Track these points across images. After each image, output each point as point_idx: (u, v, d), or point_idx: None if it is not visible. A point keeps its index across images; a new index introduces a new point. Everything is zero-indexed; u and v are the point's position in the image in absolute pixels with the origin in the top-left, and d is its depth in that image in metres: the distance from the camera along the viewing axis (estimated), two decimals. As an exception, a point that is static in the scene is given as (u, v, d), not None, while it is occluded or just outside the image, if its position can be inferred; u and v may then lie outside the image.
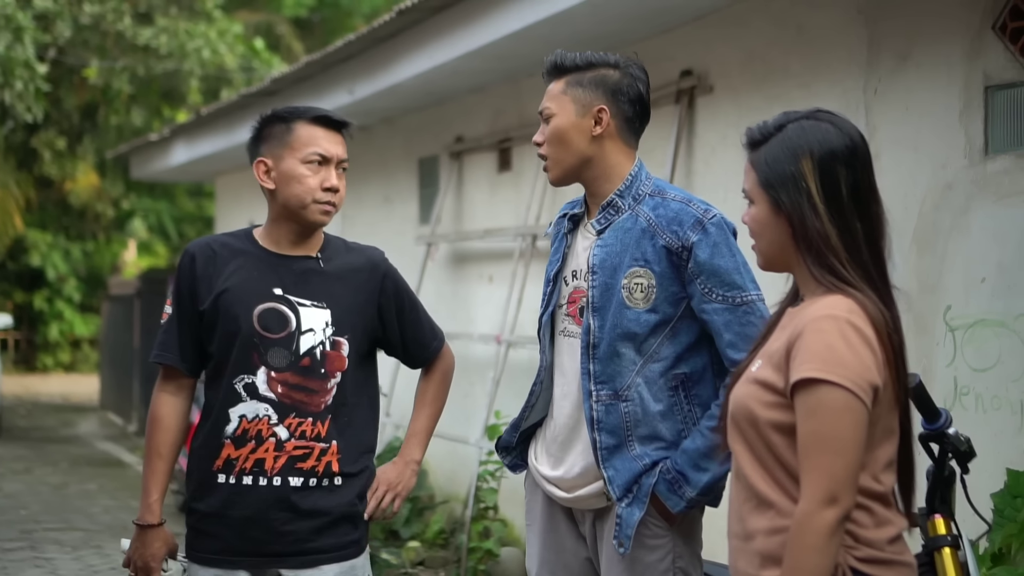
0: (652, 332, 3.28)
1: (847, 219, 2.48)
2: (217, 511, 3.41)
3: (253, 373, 3.39)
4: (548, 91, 3.42)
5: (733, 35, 6.39)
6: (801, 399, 2.40)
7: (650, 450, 3.29)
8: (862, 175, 2.52)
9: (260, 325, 3.40)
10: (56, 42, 17.79)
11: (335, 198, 3.46)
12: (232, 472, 3.39)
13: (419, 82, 8.56)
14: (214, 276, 3.45)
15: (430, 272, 9.43)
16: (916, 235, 5.18)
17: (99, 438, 15.89)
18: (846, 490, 2.36)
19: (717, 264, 3.24)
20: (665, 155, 6.62)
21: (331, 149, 3.46)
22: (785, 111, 2.64)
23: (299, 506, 3.38)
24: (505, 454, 3.62)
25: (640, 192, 3.36)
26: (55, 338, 26.75)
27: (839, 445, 2.36)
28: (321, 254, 3.52)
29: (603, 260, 3.32)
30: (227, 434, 3.39)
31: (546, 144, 3.40)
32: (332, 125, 3.49)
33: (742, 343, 3.19)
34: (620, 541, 3.28)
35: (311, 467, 3.39)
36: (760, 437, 2.50)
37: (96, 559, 8.38)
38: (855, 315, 2.43)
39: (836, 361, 2.38)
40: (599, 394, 3.31)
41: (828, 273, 2.49)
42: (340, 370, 3.45)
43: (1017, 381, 4.71)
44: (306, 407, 3.40)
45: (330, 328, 3.44)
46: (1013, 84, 4.85)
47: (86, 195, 23.21)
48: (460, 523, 8.11)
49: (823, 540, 2.35)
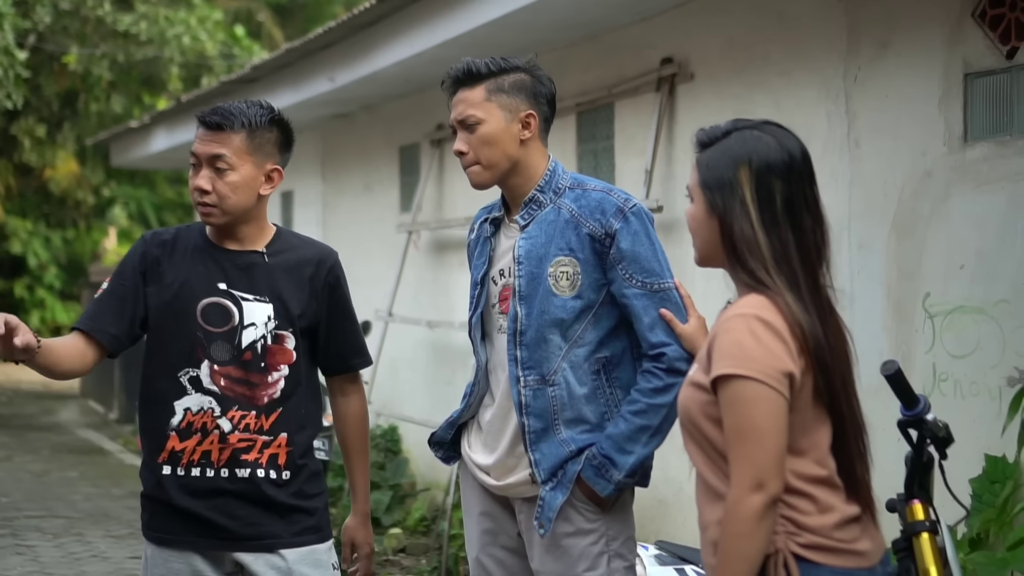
0: (577, 318, 3.38)
1: (779, 228, 2.56)
2: (165, 500, 3.42)
3: (197, 366, 3.41)
4: (464, 99, 3.44)
5: (714, 23, 6.39)
6: (720, 395, 2.50)
7: (576, 434, 3.39)
8: (797, 189, 2.59)
9: (203, 319, 3.42)
10: (36, 28, 17.71)
11: (207, 199, 3.40)
12: (179, 464, 3.41)
13: (400, 70, 8.55)
14: (164, 266, 3.47)
15: (411, 260, 9.42)
16: (895, 222, 5.20)
17: (80, 426, 15.85)
18: (771, 475, 2.44)
19: (638, 251, 3.36)
20: (646, 143, 6.63)
21: (199, 149, 3.42)
22: (737, 118, 2.72)
23: (247, 495, 3.41)
24: (438, 448, 3.69)
25: (560, 186, 3.47)
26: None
27: (757, 434, 2.45)
28: (267, 248, 3.51)
29: (529, 251, 3.42)
30: (172, 426, 3.41)
31: (474, 151, 3.45)
32: (204, 123, 3.44)
33: (659, 327, 3.34)
34: (541, 523, 3.37)
35: (255, 459, 3.41)
36: (703, 435, 2.58)
37: (78, 546, 8.37)
38: (764, 310, 2.51)
39: (744, 356, 2.47)
40: (527, 379, 3.40)
41: (749, 276, 2.58)
42: (286, 363, 3.47)
43: (995, 367, 4.74)
44: (249, 400, 3.42)
45: (272, 322, 3.46)
46: (992, 71, 4.86)
47: (66, 182, 23.11)
48: (441, 510, 8.12)
49: (751, 526, 2.43)
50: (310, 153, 11.76)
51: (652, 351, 3.34)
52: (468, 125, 3.43)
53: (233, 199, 3.41)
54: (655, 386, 3.32)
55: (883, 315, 5.22)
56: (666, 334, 3.34)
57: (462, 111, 3.43)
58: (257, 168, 3.45)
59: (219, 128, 3.41)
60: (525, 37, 7.18)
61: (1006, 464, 4.47)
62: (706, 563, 2.64)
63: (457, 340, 8.55)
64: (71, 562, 7.93)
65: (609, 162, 7.19)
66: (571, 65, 7.33)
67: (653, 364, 3.34)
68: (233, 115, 3.42)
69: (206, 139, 3.42)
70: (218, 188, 3.40)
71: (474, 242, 3.64)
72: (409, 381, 9.58)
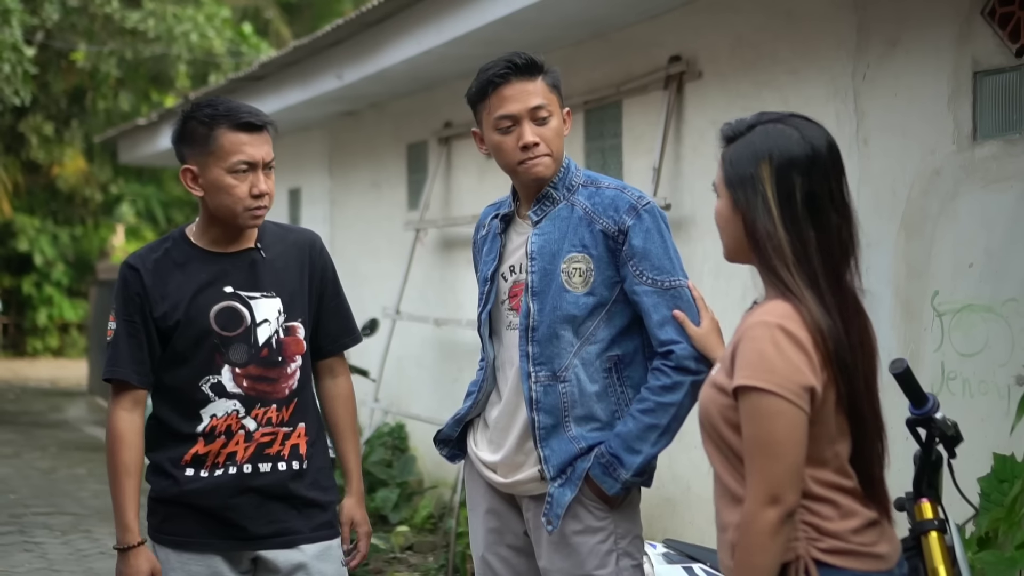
0: (590, 315, 3.39)
1: (799, 226, 2.54)
2: (184, 503, 3.41)
3: (218, 372, 3.42)
4: (531, 90, 3.42)
5: (722, 21, 6.38)
6: (741, 405, 2.49)
7: (585, 431, 3.39)
8: (820, 184, 2.56)
9: (218, 325, 3.43)
10: (44, 25, 17.70)
11: (265, 201, 3.42)
12: (203, 467, 3.41)
13: (408, 67, 8.54)
14: (163, 286, 3.43)
15: (418, 257, 9.42)
16: (904, 220, 5.19)
17: (88, 423, 15.86)
18: (787, 490, 2.43)
19: (649, 248, 3.36)
20: (654, 141, 6.62)
21: (255, 154, 3.38)
22: (762, 111, 2.70)
23: (268, 490, 3.42)
24: (443, 446, 3.69)
25: (573, 183, 3.48)
26: (43, 323, 26.68)
27: (775, 449, 2.43)
28: (260, 243, 3.52)
29: (542, 247, 3.42)
30: (198, 432, 3.41)
31: (547, 143, 3.43)
32: (254, 128, 3.40)
33: (669, 324, 3.33)
34: (549, 519, 3.37)
35: (276, 452, 3.44)
36: (721, 437, 2.57)
37: (85, 543, 8.38)
38: (788, 320, 2.49)
39: (766, 368, 2.45)
40: (538, 375, 3.40)
41: (771, 273, 2.56)
42: (299, 353, 3.51)
43: (1004, 366, 4.73)
44: (270, 396, 3.44)
45: (283, 315, 3.48)
46: (1002, 69, 4.85)
47: (74, 180, 23.15)
48: (448, 508, 8.12)
49: (766, 539, 2.43)
50: (317, 150, 11.76)
51: (662, 348, 3.35)
52: (540, 117, 3.41)
53: (273, 197, 3.48)
54: (663, 384, 3.32)
55: (891, 313, 5.21)
56: (676, 332, 3.33)
57: (536, 101, 3.41)
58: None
59: (262, 129, 3.40)
60: (533, 35, 7.18)
61: (1015, 463, 4.45)
62: (723, 564, 2.63)
63: (464, 338, 8.55)
64: (79, 559, 7.94)
65: (617, 160, 7.18)
66: (579, 63, 7.32)
67: (662, 362, 3.34)
68: (263, 116, 3.43)
69: (260, 142, 3.39)
70: (271, 190, 3.43)
71: (483, 239, 3.64)
72: (416, 379, 9.58)
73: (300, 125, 11.46)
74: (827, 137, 2.62)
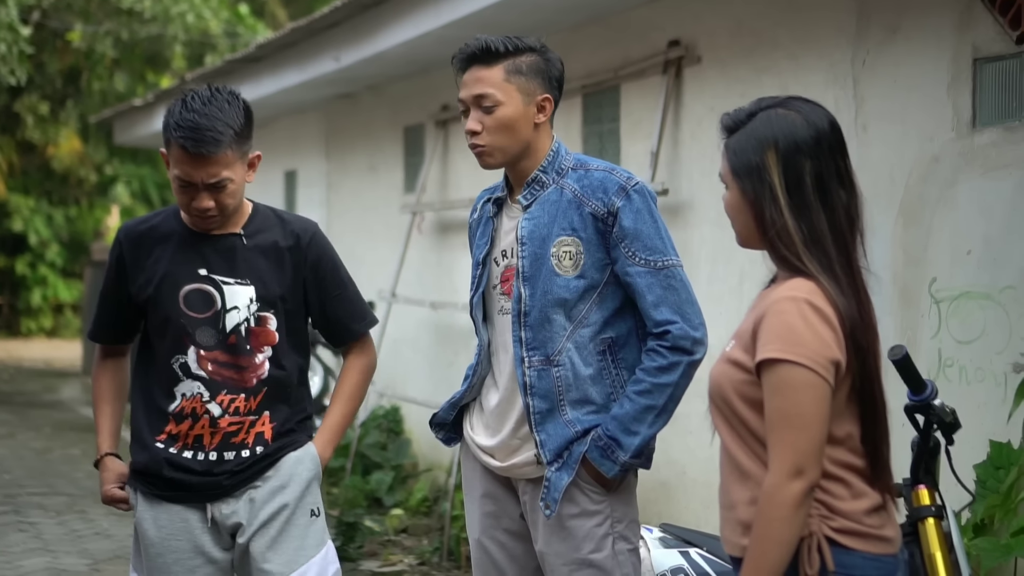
0: (581, 298, 3.38)
1: (809, 211, 2.56)
2: (157, 472, 3.50)
3: (184, 353, 3.47)
4: (481, 77, 3.39)
5: (722, 5, 6.37)
6: (766, 378, 2.49)
7: (581, 415, 3.39)
8: (828, 164, 2.59)
9: (186, 306, 3.46)
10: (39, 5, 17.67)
11: (211, 212, 3.41)
12: (174, 445, 3.49)
13: (405, 50, 8.52)
14: (141, 260, 3.51)
15: (415, 241, 9.41)
16: (903, 207, 5.19)
17: (82, 403, 15.84)
18: (811, 463, 2.45)
19: (640, 229, 3.34)
20: (652, 126, 6.61)
21: (194, 175, 3.35)
22: (760, 97, 2.70)
23: (236, 471, 3.49)
24: (439, 429, 3.69)
25: (562, 167, 3.46)
26: (37, 303, 26.64)
27: (802, 421, 2.45)
28: (244, 229, 3.52)
29: (532, 232, 3.41)
30: (170, 411, 3.48)
31: (487, 132, 3.40)
32: (191, 150, 3.31)
33: (664, 304, 3.32)
34: (547, 503, 3.37)
35: (242, 440, 3.48)
36: (735, 413, 2.58)
37: (80, 524, 8.38)
38: (815, 296, 2.51)
39: (796, 341, 2.46)
40: (531, 360, 3.39)
41: (782, 261, 2.58)
42: (270, 344, 3.51)
43: (1001, 353, 4.73)
44: (237, 384, 3.47)
45: (255, 304, 3.49)
46: (1002, 56, 4.85)
47: (69, 160, 23.09)
48: (443, 491, 8.13)
49: (789, 511, 2.44)
50: (314, 133, 11.74)
51: (657, 329, 3.33)
52: (485, 106, 3.38)
53: (232, 203, 3.44)
54: (659, 364, 3.31)
55: (889, 300, 5.21)
56: (671, 312, 3.32)
57: (480, 89, 3.38)
58: (244, 166, 3.46)
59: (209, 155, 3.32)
60: (531, 18, 7.16)
61: (1011, 450, 4.47)
62: (728, 542, 2.63)
63: (460, 321, 8.55)
64: (73, 539, 7.94)
65: (615, 145, 7.17)
66: (577, 47, 7.30)
67: (657, 342, 3.33)
68: (217, 139, 3.31)
69: (201, 165, 3.33)
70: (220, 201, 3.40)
71: (476, 222, 3.63)
72: (412, 362, 9.58)
73: (297, 107, 11.44)
74: (828, 116, 2.64)
